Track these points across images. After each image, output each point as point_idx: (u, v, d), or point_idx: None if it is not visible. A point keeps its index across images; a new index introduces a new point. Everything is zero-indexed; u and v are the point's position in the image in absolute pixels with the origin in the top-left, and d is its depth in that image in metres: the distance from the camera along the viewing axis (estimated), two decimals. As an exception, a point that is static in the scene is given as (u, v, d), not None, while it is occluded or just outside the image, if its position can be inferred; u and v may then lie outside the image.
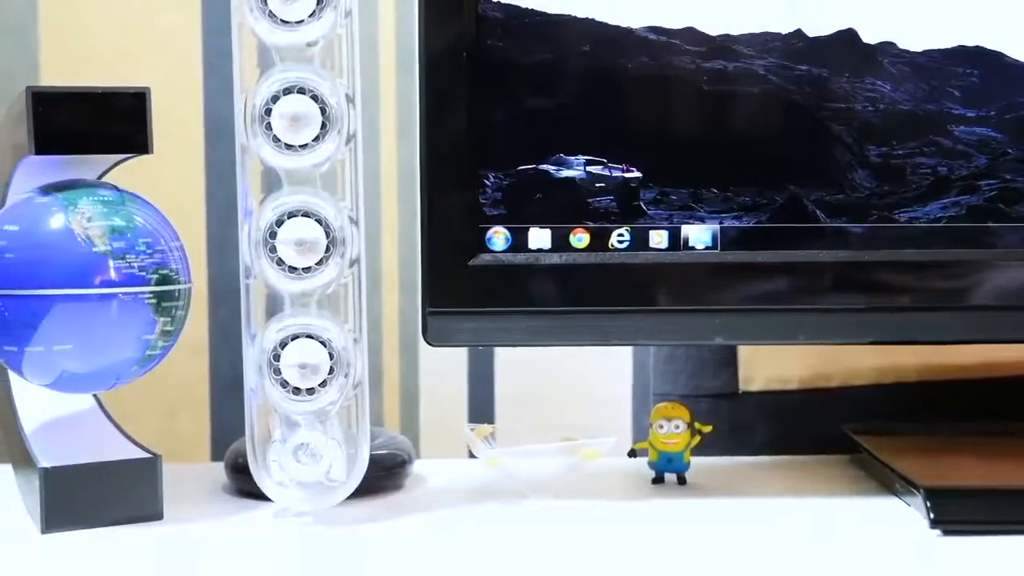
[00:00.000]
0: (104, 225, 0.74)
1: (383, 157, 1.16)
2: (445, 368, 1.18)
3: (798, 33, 0.80)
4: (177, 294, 0.76)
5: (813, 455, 0.94)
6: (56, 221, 0.74)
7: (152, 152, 0.76)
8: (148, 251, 0.75)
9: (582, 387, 1.19)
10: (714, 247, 0.81)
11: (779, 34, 0.80)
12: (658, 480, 0.86)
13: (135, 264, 0.75)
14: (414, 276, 1.17)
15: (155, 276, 0.75)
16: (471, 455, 0.86)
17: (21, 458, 0.80)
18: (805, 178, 0.81)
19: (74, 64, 1.12)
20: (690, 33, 0.80)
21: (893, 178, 0.81)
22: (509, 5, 0.80)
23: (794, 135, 0.82)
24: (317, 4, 0.75)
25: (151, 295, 0.75)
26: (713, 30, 0.80)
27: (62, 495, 0.76)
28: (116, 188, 0.77)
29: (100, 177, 0.81)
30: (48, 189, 0.76)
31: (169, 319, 0.76)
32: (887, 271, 0.81)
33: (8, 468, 0.88)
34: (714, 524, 0.78)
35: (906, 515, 0.79)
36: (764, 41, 0.80)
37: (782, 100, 0.81)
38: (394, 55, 1.16)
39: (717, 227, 0.81)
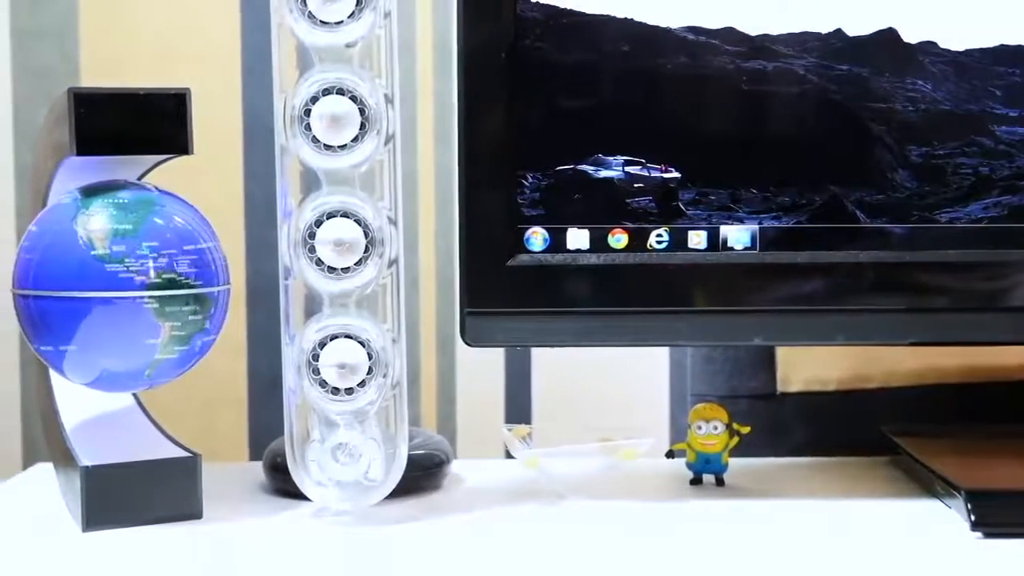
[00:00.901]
0: (107, 228, 0.74)
1: (420, 157, 1.17)
2: (482, 368, 1.18)
3: (838, 33, 0.80)
4: (189, 299, 0.75)
5: (852, 456, 0.93)
6: (65, 223, 0.75)
7: (192, 153, 0.76)
8: (152, 255, 0.74)
9: (619, 387, 1.19)
10: (753, 248, 0.81)
11: (819, 34, 0.80)
12: (696, 481, 0.86)
13: (133, 268, 0.74)
14: (451, 276, 1.17)
15: (157, 280, 0.74)
16: (508, 455, 0.86)
17: (62, 456, 0.81)
18: (845, 178, 0.81)
19: (114, 65, 1.13)
20: (729, 33, 0.80)
21: (934, 178, 0.81)
22: (548, 5, 0.80)
23: (834, 135, 0.81)
24: (356, 5, 0.75)
25: (151, 299, 0.74)
26: (752, 30, 0.80)
27: (103, 493, 0.76)
28: (148, 189, 0.77)
29: (140, 178, 0.81)
30: (81, 190, 0.76)
31: (179, 323, 0.75)
32: (928, 272, 0.81)
33: (49, 466, 0.89)
34: (752, 525, 0.78)
35: (947, 517, 0.78)
36: (803, 41, 0.80)
37: (822, 100, 0.80)
38: (431, 56, 1.16)
39: (756, 227, 0.81)
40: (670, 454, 0.87)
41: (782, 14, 0.80)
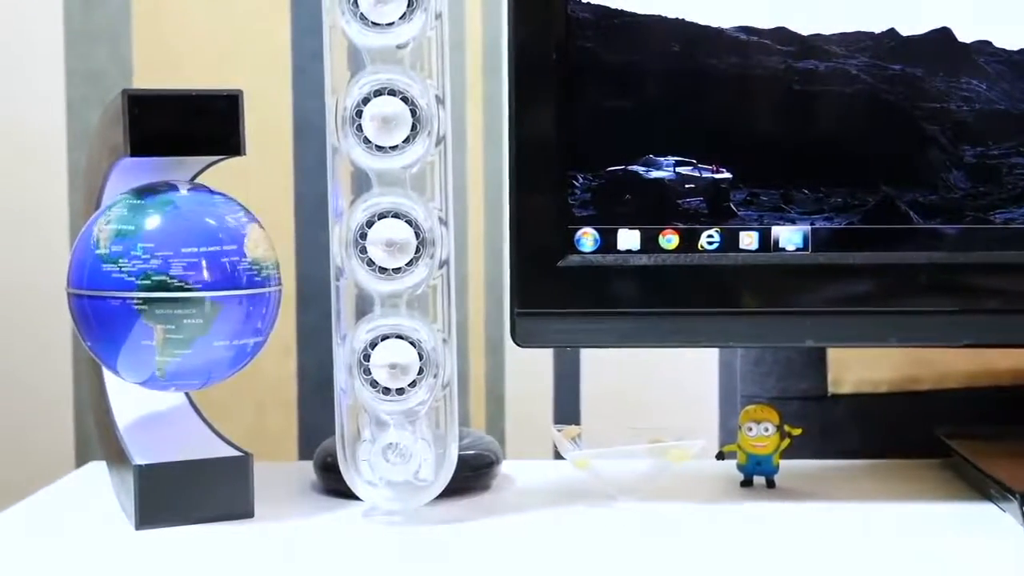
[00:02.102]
0: (112, 228, 0.75)
1: (469, 158, 1.17)
2: (531, 369, 1.18)
3: (891, 32, 0.79)
4: (183, 302, 0.73)
5: (904, 459, 0.93)
6: (91, 224, 0.76)
7: (245, 154, 0.77)
8: (145, 256, 0.73)
9: (667, 389, 1.18)
10: (805, 248, 0.81)
11: (871, 33, 0.80)
12: (747, 483, 0.86)
13: (125, 269, 0.74)
14: (500, 277, 1.17)
15: (146, 282, 0.73)
16: (557, 456, 0.86)
17: (115, 455, 0.82)
18: (899, 179, 0.80)
19: (166, 67, 1.14)
20: (781, 33, 0.80)
21: (989, 179, 0.80)
22: (598, 6, 0.80)
23: (887, 135, 0.81)
24: (408, 7, 0.75)
25: (139, 300, 0.74)
26: (804, 30, 0.80)
27: (156, 492, 0.77)
28: (175, 189, 0.77)
29: (193, 178, 0.82)
30: (128, 192, 0.77)
31: (173, 327, 0.74)
32: (982, 273, 0.80)
33: (102, 465, 0.89)
34: (804, 528, 0.78)
35: (1001, 521, 0.78)
36: (856, 40, 0.80)
37: (875, 100, 0.80)
38: (481, 57, 1.16)
39: (808, 228, 0.81)
40: (720, 456, 0.86)
41: (835, 14, 0.79)
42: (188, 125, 0.77)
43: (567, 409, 1.18)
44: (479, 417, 1.19)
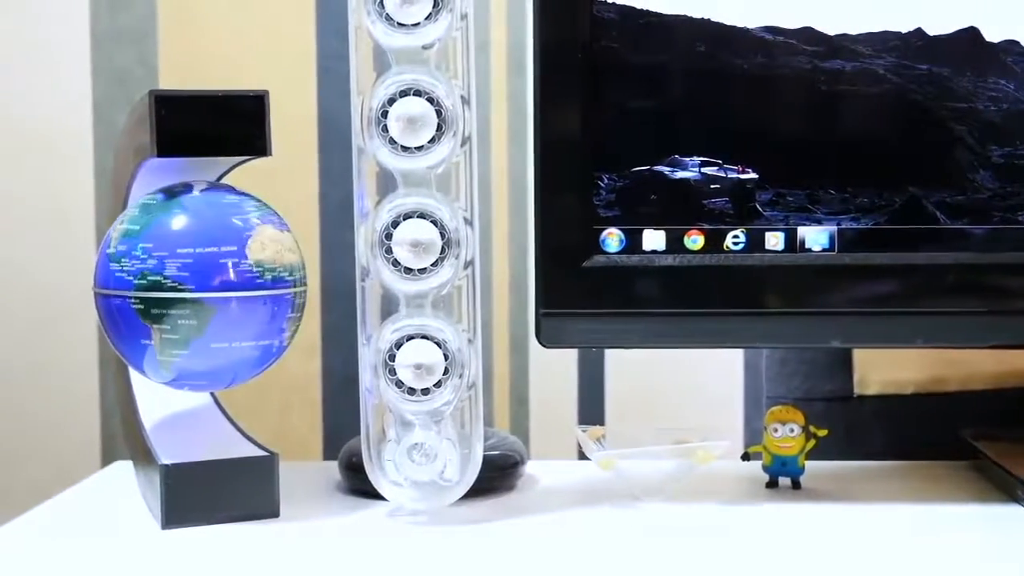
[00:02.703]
0: (122, 228, 0.76)
1: (494, 158, 1.17)
2: (555, 369, 1.18)
3: (918, 32, 0.79)
4: (177, 302, 0.73)
5: (930, 460, 0.92)
6: (113, 224, 0.77)
7: (271, 154, 0.77)
8: (143, 256, 0.74)
9: (692, 389, 1.18)
10: (831, 249, 0.81)
11: (898, 33, 0.79)
12: (772, 484, 0.86)
13: (126, 268, 0.74)
14: (524, 277, 1.17)
15: (142, 282, 0.74)
16: (581, 456, 0.86)
17: (142, 454, 0.82)
18: (925, 179, 0.80)
19: (191, 67, 1.14)
20: (807, 33, 0.79)
21: (1016, 179, 0.79)
22: (624, 6, 0.80)
23: (914, 135, 0.80)
24: (433, 7, 0.75)
25: (136, 300, 0.74)
26: (831, 30, 0.79)
27: (182, 491, 0.77)
28: (196, 189, 0.77)
29: (219, 179, 0.82)
30: (153, 191, 0.77)
31: (168, 327, 0.74)
32: (1009, 274, 0.80)
33: (128, 464, 0.90)
34: (829, 529, 0.77)
35: (1028, 523, 0.78)
36: (883, 40, 0.79)
37: (902, 100, 0.80)
38: (505, 57, 1.16)
39: (834, 229, 0.80)
40: (746, 456, 0.86)
41: (861, 13, 0.79)
42: (215, 126, 0.77)
43: (591, 409, 1.18)
44: (503, 417, 1.19)
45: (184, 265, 0.74)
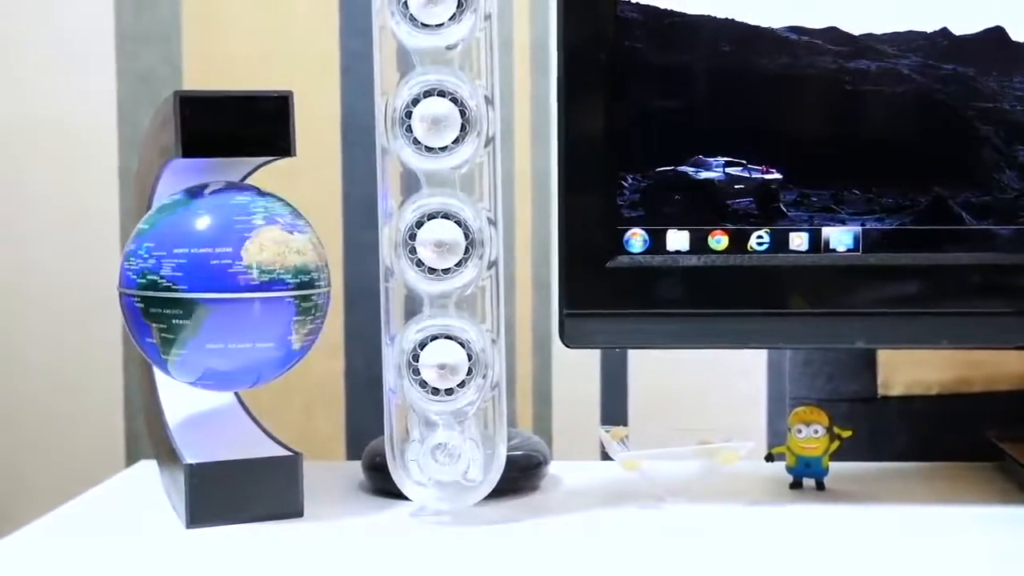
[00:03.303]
0: (137, 227, 0.77)
1: (516, 158, 1.17)
2: (578, 369, 1.18)
3: (944, 32, 0.79)
4: (171, 302, 0.74)
5: (954, 461, 0.92)
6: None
7: (295, 155, 0.77)
8: (145, 256, 0.75)
9: (715, 390, 1.18)
10: (856, 249, 0.80)
11: (924, 33, 0.79)
12: (796, 485, 0.85)
13: (132, 267, 0.75)
14: (547, 277, 1.17)
15: (142, 281, 0.74)
16: (604, 457, 0.85)
17: (166, 454, 0.82)
18: (951, 179, 0.80)
19: (215, 68, 1.14)
20: (832, 32, 0.79)
21: (1042, 179, 0.79)
22: (647, 6, 0.80)
23: (939, 136, 0.80)
24: (457, 7, 0.75)
25: (139, 299, 0.75)
26: (856, 29, 0.79)
27: (206, 491, 0.77)
28: (209, 189, 0.77)
29: (243, 179, 0.82)
30: (180, 192, 0.78)
31: (164, 326, 0.74)
32: (1035, 274, 0.80)
33: (152, 464, 0.90)
34: (853, 531, 0.77)
35: (1054, 525, 0.77)
36: (908, 40, 0.79)
37: (927, 100, 0.79)
38: (528, 57, 1.16)
39: (859, 229, 0.80)
40: (770, 457, 0.86)
41: (886, 13, 0.79)
42: (239, 126, 0.77)
43: (614, 409, 1.18)
44: (526, 417, 1.19)
45: (179, 265, 0.74)
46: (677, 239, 0.81)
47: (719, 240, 0.81)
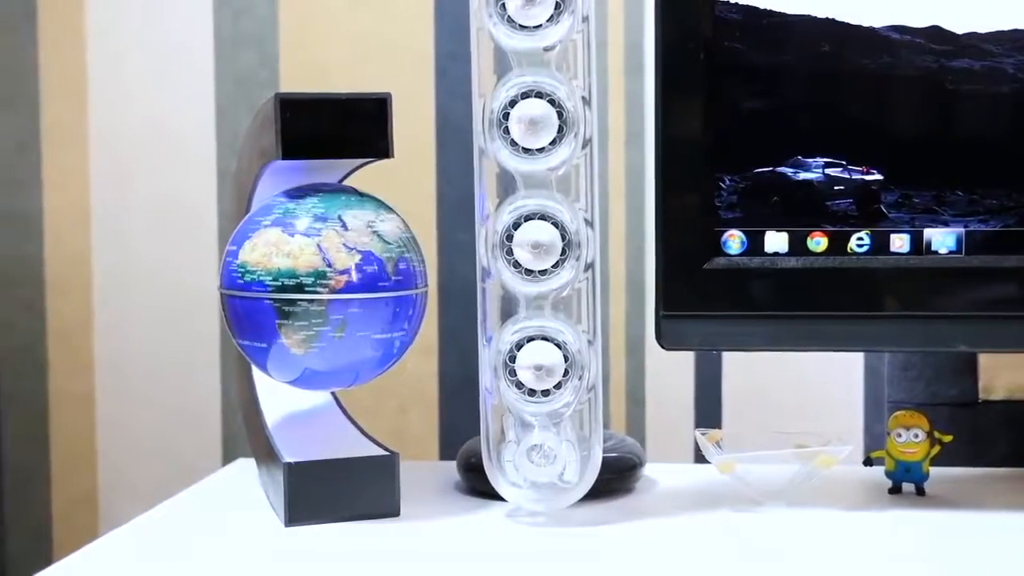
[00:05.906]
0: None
1: (611, 158, 1.16)
2: (671, 371, 1.17)
3: (1050, 30, 0.77)
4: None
5: (1059, 468, 0.90)
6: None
7: (393, 156, 0.77)
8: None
9: (810, 392, 1.16)
10: (958, 251, 0.79)
11: (1029, 31, 0.78)
12: (895, 490, 0.84)
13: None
14: (641, 278, 1.16)
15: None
16: (698, 459, 0.85)
17: (265, 453, 0.83)
18: (1057, 180, 0.78)
19: (311, 70, 1.15)
20: (934, 32, 0.78)
21: None
22: (746, 6, 0.79)
23: (1045, 135, 0.79)
24: (555, 9, 0.75)
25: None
26: (958, 28, 0.78)
27: (305, 490, 0.78)
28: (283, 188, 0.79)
29: (342, 180, 0.83)
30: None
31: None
32: None
33: (248, 462, 0.91)
34: (955, 538, 0.76)
35: None
36: (1013, 39, 0.78)
37: (1032, 99, 0.78)
38: (622, 57, 1.16)
39: (962, 231, 0.79)
40: (868, 462, 0.85)
41: (990, 11, 0.77)
42: (338, 128, 0.77)
43: (708, 411, 1.17)
44: (619, 419, 1.18)
45: (225, 263, 0.77)
46: (775, 240, 0.80)
47: (818, 242, 0.80)
